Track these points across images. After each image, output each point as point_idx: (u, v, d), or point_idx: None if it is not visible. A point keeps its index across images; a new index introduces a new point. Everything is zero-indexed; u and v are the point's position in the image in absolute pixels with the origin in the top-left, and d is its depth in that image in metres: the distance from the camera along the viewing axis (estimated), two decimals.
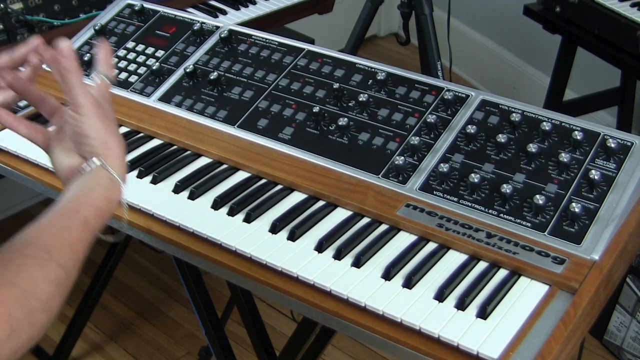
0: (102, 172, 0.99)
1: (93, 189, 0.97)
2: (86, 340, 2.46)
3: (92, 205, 0.95)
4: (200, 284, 1.70)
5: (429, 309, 1.03)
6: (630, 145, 1.21)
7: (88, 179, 0.98)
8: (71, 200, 0.95)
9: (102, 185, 0.98)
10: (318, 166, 1.30)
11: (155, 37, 1.64)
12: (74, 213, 0.93)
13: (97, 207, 0.96)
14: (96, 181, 0.98)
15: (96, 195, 0.96)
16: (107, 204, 0.97)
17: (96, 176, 0.98)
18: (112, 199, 0.99)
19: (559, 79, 2.64)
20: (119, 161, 1.01)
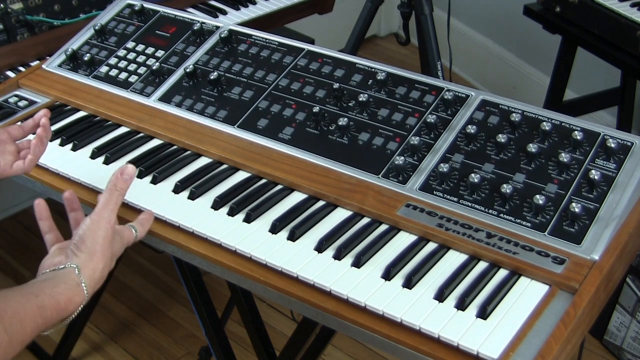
0: (72, 275, 1.06)
1: (58, 285, 1.04)
2: (86, 340, 2.45)
3: (52, 296, 1.02)
4: (200, 284, 1.70)
5: (429, 309, 1.03)
6: (630, 145, 1.21)
7: (57, 277, 1.05)
8: (35, 285, 1.03)
9: (68, 286, 1.04)
10: (318, 166, 1.30)
11: (155, 37, 1.64)
12: (34, 296, 0.99)
13: (57, 300, 1.02)
14: (64, 281, 1.05)
15: (59, 291, 1.03)
16: (66, 303, 1.04)
17: (66, 277, 1.05)
18: (73, 302, 1.05)
19: (559, 79, 2.64)
20: (93, 274, 1.08)
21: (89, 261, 1.08)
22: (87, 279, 1.07)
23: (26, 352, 2.41)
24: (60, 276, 1.06)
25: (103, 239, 1.10)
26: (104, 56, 1.64)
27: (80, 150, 1.42)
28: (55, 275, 1.06)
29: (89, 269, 1.08)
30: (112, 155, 1.39)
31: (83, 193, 1.32)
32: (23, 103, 1.58)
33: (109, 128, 1.48)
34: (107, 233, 1.10)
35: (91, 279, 1.08)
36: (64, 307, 1.03)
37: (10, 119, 1.52)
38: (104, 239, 1.10)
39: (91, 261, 1.08)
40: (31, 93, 1.61)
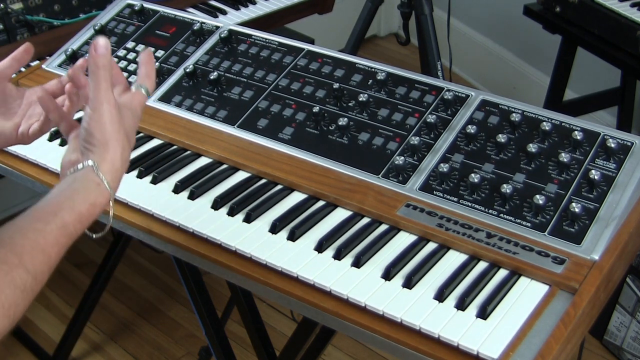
0: (91, 175, 0.98)
1: (78, 192, 0.96)
2: (86, 340, 2.46)
3: (72, 209, 0.94)
4: (200, 284, 1.70)
5: (429, 309, 1.03)
6: (630, 145, 1.21)
7: (76, 181, 0.97)
8: (52, 202, 0.94)
9: (87, 190, 0.96)
10: (318, 166, 1.30)
11: (155, 37, 1.64)
12: (52, 216, 0.92)
13: (79, 211, 0.94)
14: (83, 184, 0.97)
15: (79, 199, 0.95)
16: (89, 209, 0.96)
17: (84, 179, 0.97)
18: (96, 204, 0.97)
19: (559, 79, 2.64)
20: (112, 167, 1.00)
21: (104, 153, 0.99)
22: (107, 174, 0.98)
23: (26, 352, 2.41)
24: (78, 180, 0.97)
25: (110, 124, 1.00)
26: None
27: None
28: (74, 180, 0.97)
29: (107, 161, 0.99)
30: None
31: None
32: None
33: None
34: (111, 116, 1.00)
35: (112, 171, 0.99)
36: (88, 215, 0.96)
37: None
38: (111, 123, 1.00)
39: (107, 152, 0.99)
40: None
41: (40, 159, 1.38)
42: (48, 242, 0.90)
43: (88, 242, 2.85)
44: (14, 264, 0.86)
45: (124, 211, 1.27)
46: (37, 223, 0.91)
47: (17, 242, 0.88)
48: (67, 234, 0.93)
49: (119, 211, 1.27)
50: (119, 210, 1.27)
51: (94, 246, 2.83)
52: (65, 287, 2.64)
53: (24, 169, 1.40)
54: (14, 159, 1.42)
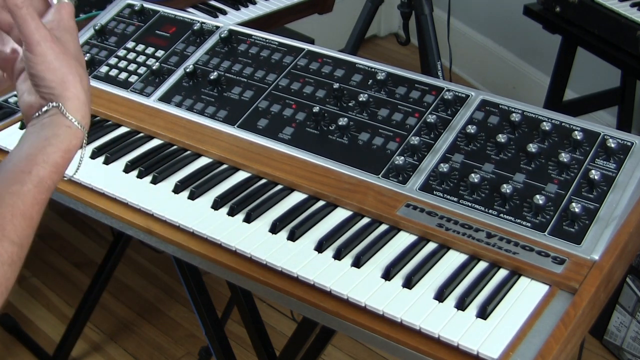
0: (59, 119, 0.91)
1: (49, 141, 0.90)
2: (86, 340, 2.46)
3: (46, 162, 0.88)
4: (200, 284, 1.70)
5: (429, 309, 1.03)
6: (630, 145, 1.21)
7: (44, 128, 0.91)
8: (24, 158, 0.88)
9: (58, 137, 0.90)
10: (318, 166, 1.30)
11: (155, 37, 1.64)
12: (27, 175, 0.86)
13: (53, 162, 0.89)
14: (53, 131, 0.90)
15: (52, 150, 0.89)
16: (64, 156, 0.90)
17: (53, 125, 0.91)
18: (71, 149, 0.91)
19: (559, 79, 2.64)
20: (79, 102, 0.93)
21: (65, 91, 0.92)
22: (75, 112, 0.92)
23: (26, 352, 2.41)
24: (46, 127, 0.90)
25: (57, 60, 0.92)
26: (104, 56, 1.64)
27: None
28: (42, 127, 0.90)
29: (71, 99, 0.92)
30: (112, 155, 1.39)
31: (83, 193, 1.31)
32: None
33: (109, 128, 1.48)
34: (54, 51, 0.92)
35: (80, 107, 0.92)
36: (64, 163, 0.90)
37: (10, 118, 1.52)
38: (57, 59, 0.92)
39: (67, 90, 0.92)
40: None
41: None
42: (27, 204, 0.85)
43: (88, 242, 2.85)
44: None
45: (124, 211, 1.27)
46: (13, 186, 0.86)
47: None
48: (45, 188, 0.88)
49: (119, 211, 1.27)
50: (119, 210, 1.27)
51: (94, 246, 2.83)
52: (65, 287, 2.64)
53: None
54: None
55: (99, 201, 1.30)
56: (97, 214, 1.30)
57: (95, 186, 1.31)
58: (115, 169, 1.36)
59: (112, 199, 1.29)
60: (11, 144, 1.43)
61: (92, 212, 1.31)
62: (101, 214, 1.30)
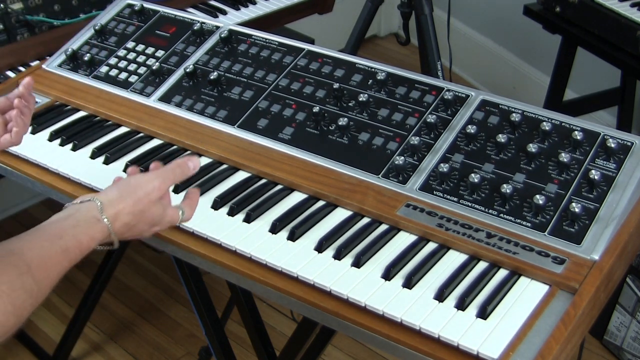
0: (93, 211, 1.04)
1: (79, 222, 1.02)
2: (86, 340, 2.45)
3: (75, 237, 1.00)
4: (200, 284, 1.70)
5: (429, 309, 1.03)
6: (630, 145, 1.21)
7: (79, 213, 1.03)
8: (57, 226, 1.01)
9: (87, 222, 1.03)
10: (318, 166, 1.30)
11: (155, 37, 1.64)
12: (57, 239, 0.98)
13: (79, 240, 1.01)
14: (84, 216, 1.03)
15: (80, 230, 1.01)
16: (88, 241, 1.02)
17: (87, 211, 1.04)
18: (94, 238, 1.03)
19: (559, 79, 2.64)
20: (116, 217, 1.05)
21: (116, 202, 1.05)
22: (111, 218, 1.04)
23: (26, 352, 2.41)
24: (81, 211, 1.04)
25: (144, 193, 1.08)
26: (104, 56, 1.64)
27: (80, 150, 1.42)
28: (77, 210, 1.04)
29: (113, 208, 1.05)
30: (112, 155, 1.39)
31: (83, 192, 1.31)
32: None
33: (109, 128, 1.48)
34: (151, 193, 1.08)
35: (115, 219, 1.05)
36: (87, 246, 1.02)
37: None
38: (145, 193, 1.08)
39: (119, 203, 1.06)
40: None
41: (40, 159, 1.38)
42: (52, 261, 0.96)
43: None
44: (24, 270, 0.92)
45: None
46: (44, 242, 0.97)
47: (26, 253, 0.94)
48: (69, 258, 0.99)
49: None
50: None
51: None
52: (65, 287, 2.64)
53: (24, 169, 1.40)
54: (14, 159, 1.42)
55: None
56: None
57: (96, 186, 1.31)
58: (115, 169, 1.36)
59: None
60: None
61: None
62: None
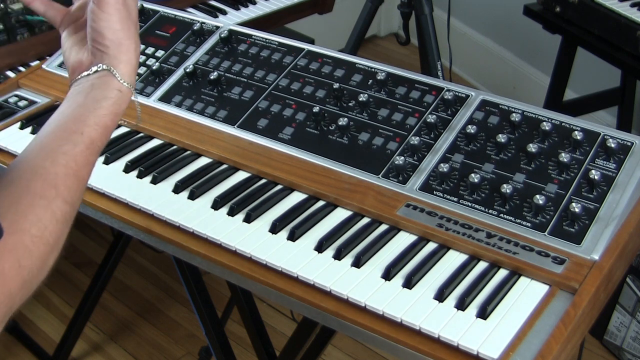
0: (111, 82, 0.95)
1: (100, 103, 0.92)
2: (86, 340, 2.46)
3: (97, 124, 0.91)
4: (200, 284, 1.70)
5: (429, 309, 1.03)
6: (630, 145, 1.21)
7: (94, 89, 0.94)
8: (77, 118, 0.91)
9: (109, 99, 0.93)
10: (318, 166, 1.30)
11: (155, 37, 1.64)
12: (79, 136, 0.89)
13: (103, 124, 0.92)
14: (104, 94, 0.93)
15: (103, 112, 0.92)
16: (113, 119, 0.93)
17: (104, 88, 0.94)
18: (119, 113, 0.95)
19: (559, 79, 2.64)
20: (130, 67, 0.97)
21: (120, 54, 0.96)
22: (126, 76, 0.95)
23: (26, 352, 2.41)
24: (98, 87, 0.93)
25: (120, 22, 0.96)
26: None
27: None
28: (92, 87, 0.93)
29: (124, 62, 0.96)
30: (112, 155, 1.39)
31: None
32: (23, 103, 1.58)
33: None
34: (120, 14, 0.96)
35: (130, 72, 0.96)
36: (113, 125, 0.93)
37: (10, 118, 1.52)
38: (120, 21, 0.96)
39: (121, 52, 0.96)
40: (31, 93, 1.61)
41: None
42: (79, 164, 0.88)
43: (88, 242, 2.85)
44: (52, 197, 0.84)
45: (124, 211, 1.27)
46: (65, 145, 0.88)
47: (50, 171, 0.85)
48: (96, 151, 0.91)
49: (119, 211, 1.27)
50: (119, 210, 1.27)
51: (94, 246, 2.83)
52: (65, 287, 2.64)
53: None
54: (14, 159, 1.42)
55: (99, 201, 1.29)
56: (97, 214, 1.30)
57: (95, 186, 1.31)
58: (115, 169, 1.36)
59: (112, 199, 1.29)
60: (11, 144, 1.43)
61: (92, 212, 1.31)
62: (101, 214, 1.29)
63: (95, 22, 0.96)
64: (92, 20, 0.96)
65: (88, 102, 0.92)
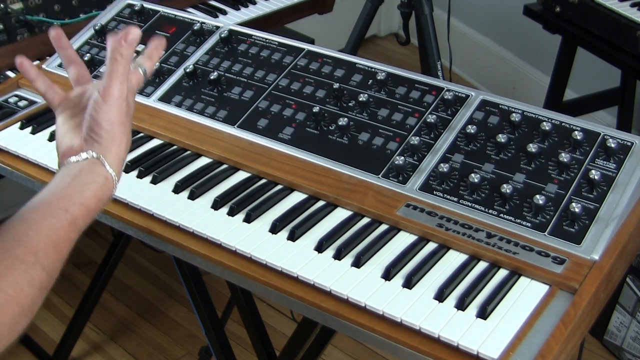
0: (98, 169, 0.98)
1: (87, 186, 0.96)
2: (86, 340, 2.46)
3: (82, 204, 0.95)
4: (200, 284, 1.70)
5: (429, 309, 1.03)
6: (630, 145, 1.21)
7: (82, 173, 0.97)
8: (63, 196, 0.94)
9: (95, 184, 0.97)
10: (318, 166, 1.30)
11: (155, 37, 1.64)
12: (63, 212, 0.93)
13: (87, 205, 0.95)
14: (91, 178, 0.97)
15: (88, 194, 0.96)
16: (97, 203, 0.97)
17: (92, 173, 0.98)
18: (103, 199, 0.98)
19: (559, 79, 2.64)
20: (118, 159, 1.01)
21: (110, 146, 0.99)
22: (114, 166, 0.99)
23: (26, 352, 2.41)
24: (86, 172, 0.97)
25: (119, 116, 1.00)
26: (104, 56, 1.63)
27: None
28: (81, 171, 0.97)
29: (113, 154, 1.00)
30: None
31: None
32: (23, 103, 1.58)
33: None
34: (120, 109, 1.00)
35: (118, 163, 1.00)
36: (96, 209, 0.97)
37: (10, 118, 1.52)
38: (119, 116, 1.00)
39: (113, 145, 1.00)
40: (31, 93, 1.61)
41: (40, 159, 1.38)
42: (60, 238, 0.91)
43: (88, 242, 2.85)
44: (31, 262, 0.87)
45: (124, 211, 1.27)
46: (50, 219, 0.91)
47: (33, 240, 0.88)
48: (77, 229, 0.94)
49: (119, 211, 1.27)
50: (119, 210, 1.27)
51: (94, 246, 2.83)
52: (65, 287, 2.64)
53: (24, 169, 1.40)
54: (14, 159, 1.42)
55: None
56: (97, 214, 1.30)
57: None
58: None
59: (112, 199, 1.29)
60: (11, 144, 1.43)
61: None
62: (101, 214, 1.29)
63: (95, 112, 1.00)
64: (93, 109, 1.00)
65: (75, 183, 0.96)
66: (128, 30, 1.01)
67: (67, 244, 0.92)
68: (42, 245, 0.89)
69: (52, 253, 0.89)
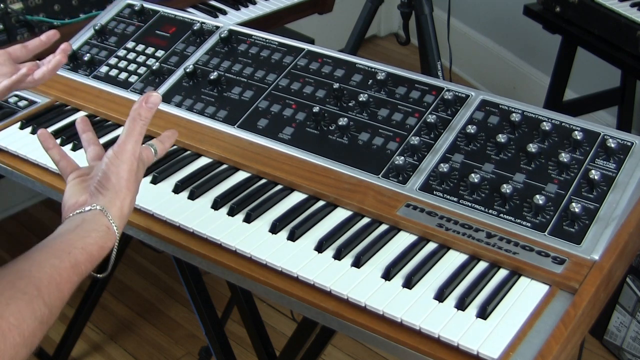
0: (101, 219, 1.02)
1: (89, 234, 1.00)
2: (86, 340, 2.46)
3: (84, 248, 0.98)
4: (200, 284, 1.70)
5: (429, 309, 1.03)
6: (630, 145, 1.21)
7: (85, 222, 1.01)
8: (66, 240, 0.98)
9: (98, 232, 1.01)
10: (318, 166, 1.30)
11: (155, 37, 1.64)
12: (66, 255, 0.96)
13: (89, 252, 0.99)
14: (93, 227, 1.01)
15: (90, 242, 1.00)
16: (99, 251, 1.01)
17: (95, 222, 1.02)
18: (105, 247, 1.02)
19: (559, 79, 2.64)
20: (120, 212, 1.04)
21: (115, 199, 1.04)
22: (116, 219, 1.03)
23: None
24: (88, 221, 1.01)
25: (128, 173, 1.05)
26: (104, 56, 1.64)
27: (79, 150, 1.42)
28: (83, 220, 1.01)
29: (117, 207, 1.04)
30: None
31: None
32: (23, 103, 1.58)
33: (109, 128, 1.48)
34: (131, 166, 1.05)
35: (120, 217, 1.04)
36: (98, 257, 1.00)
37: (10, 118, 1.52)
38: (129, 172, 1.05)
39: (118, 199, 1.04)
40: (31, 93, 1.61)
41: (40, 159, 1.38)
42: (63, 278, 0.94)
43: None
44: (34, 295, 0.89)
45: None
46: (53, 259, 0.95)
47: (35, 275, 0.91)
48: (79, 272, 0.97)
49: None
50: None
51: None
52: None
53: (24, 169, 1.40)
54: (14, 159, 1.42)
55: None
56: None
57: None
58: None
59: None
60: (11, 144, 1.43)
61: None
62: None
63: (107, 166, 1.05)
64: (106, 164, 1.05)
65: (78, 230, 1.00)
66: (150, 94, 1.09)
67: (69, 285, 0.95)
68: (45, 282, 0.91)
69: (54, 291, 0.92)
